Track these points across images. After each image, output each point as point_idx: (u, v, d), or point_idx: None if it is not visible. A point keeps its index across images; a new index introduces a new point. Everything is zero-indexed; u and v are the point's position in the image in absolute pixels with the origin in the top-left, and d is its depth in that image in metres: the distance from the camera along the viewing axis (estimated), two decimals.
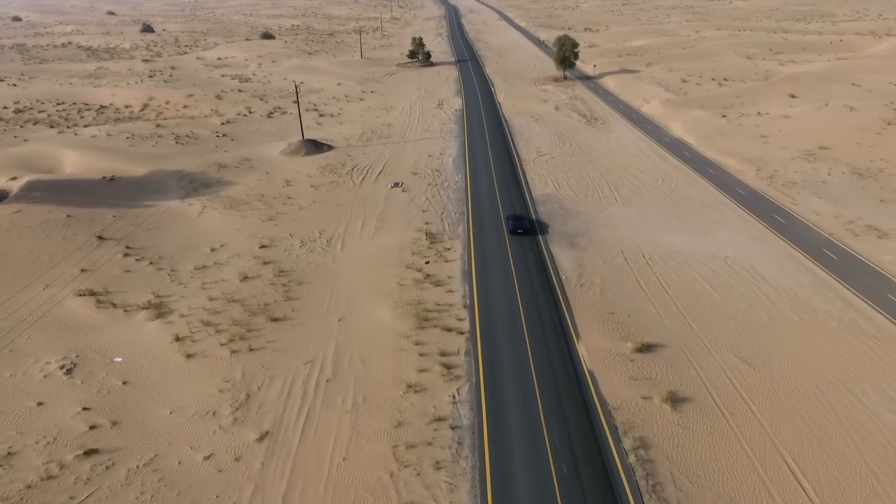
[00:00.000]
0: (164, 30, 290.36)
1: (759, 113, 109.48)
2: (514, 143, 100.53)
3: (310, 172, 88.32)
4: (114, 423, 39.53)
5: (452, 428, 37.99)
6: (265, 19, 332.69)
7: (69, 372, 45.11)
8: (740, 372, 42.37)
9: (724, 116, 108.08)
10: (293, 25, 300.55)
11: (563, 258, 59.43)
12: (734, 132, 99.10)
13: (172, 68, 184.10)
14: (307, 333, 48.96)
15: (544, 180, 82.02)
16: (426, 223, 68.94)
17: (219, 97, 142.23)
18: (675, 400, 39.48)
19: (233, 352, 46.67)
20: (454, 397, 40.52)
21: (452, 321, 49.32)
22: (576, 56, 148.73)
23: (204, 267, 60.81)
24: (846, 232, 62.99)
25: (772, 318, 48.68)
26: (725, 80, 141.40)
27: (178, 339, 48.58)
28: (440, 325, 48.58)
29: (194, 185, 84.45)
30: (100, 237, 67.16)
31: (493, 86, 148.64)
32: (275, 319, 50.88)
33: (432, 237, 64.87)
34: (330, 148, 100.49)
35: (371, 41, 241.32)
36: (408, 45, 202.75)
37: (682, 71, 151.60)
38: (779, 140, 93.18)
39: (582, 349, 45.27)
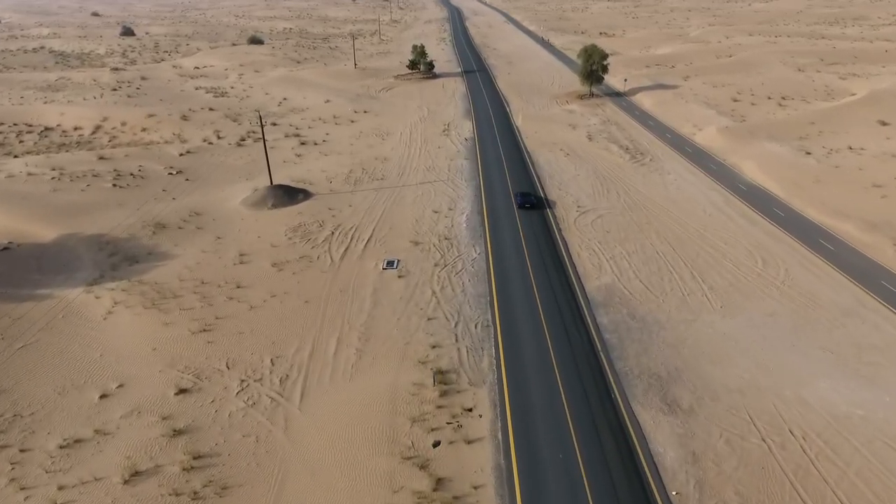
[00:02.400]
0: (146, 33, 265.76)
1: (850, 147, 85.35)
2: (544, 190, 76.43)
3: (275, 238, 64.28)
4: None
5: None
6: (257, 21, 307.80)
7: None
8: None
9: (808, 153, 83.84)
10: (285, 28, 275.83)
11: (661, 439, 35.44)
12: (831, 177, 74.97)
13: (143, 79, 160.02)
14: None
15: (596, 258, 57.92)
16: (433, 346, 44.87)
17: (185, 118, 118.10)
18: None
19: None
20: None
21: None
22: (605, 70, 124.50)
23: (77, 442, 36.88)
24: None
25: None
26: (784, 98, 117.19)
27: None
28: None
29: (115, 259, 60.43)
30: None
31: (507, 104, 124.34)
32: None
33: (443, 379, 40.88)
34: (306, 196, 76.42)
35: (367, 47, 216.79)
36: (408, 53, 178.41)
37: (729, 86, 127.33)
38: None
39: None
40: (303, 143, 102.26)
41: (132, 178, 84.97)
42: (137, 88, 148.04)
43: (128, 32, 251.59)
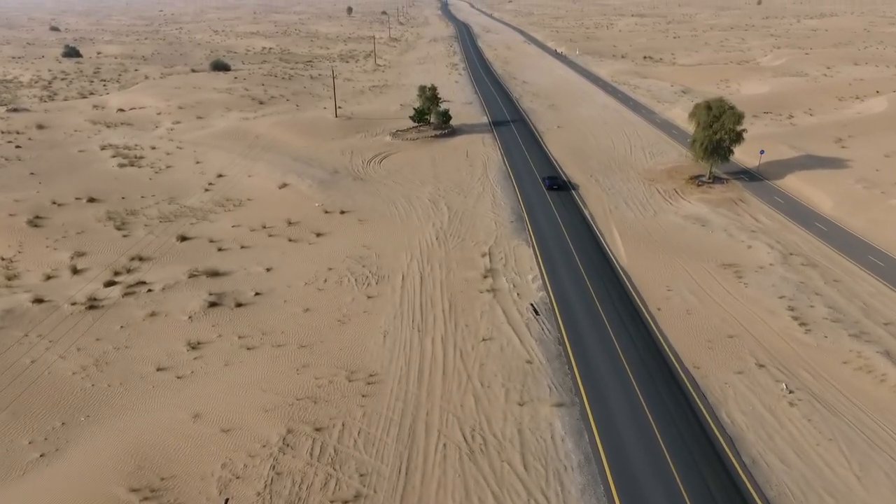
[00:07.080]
0: (97, 53, 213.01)
1: None
2: None
3: None
4: None
5: None
6: (234, 39, 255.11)
7: None
8: None
9: None
10: (264, 49, 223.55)
11: None
12: None
13: (38, 128, 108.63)
14: None
15: None
16: None
17: (37, 221, 66.43)
18: None
19: None
20: None
21: None
22: (738, 140, 72.86)
23: None
24: None
25: None
26: None
27: None
28: None
29: None
30: None
31: (577, 193, 72.54)
32: None
33: None
34: None
35: (359, 76, 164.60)
36: (411, 86, 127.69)
37: None
38: None
39: None
40: (213, 304, 50.19)
41: None
42: (17, 147, 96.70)
43: (71, 53, 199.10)
